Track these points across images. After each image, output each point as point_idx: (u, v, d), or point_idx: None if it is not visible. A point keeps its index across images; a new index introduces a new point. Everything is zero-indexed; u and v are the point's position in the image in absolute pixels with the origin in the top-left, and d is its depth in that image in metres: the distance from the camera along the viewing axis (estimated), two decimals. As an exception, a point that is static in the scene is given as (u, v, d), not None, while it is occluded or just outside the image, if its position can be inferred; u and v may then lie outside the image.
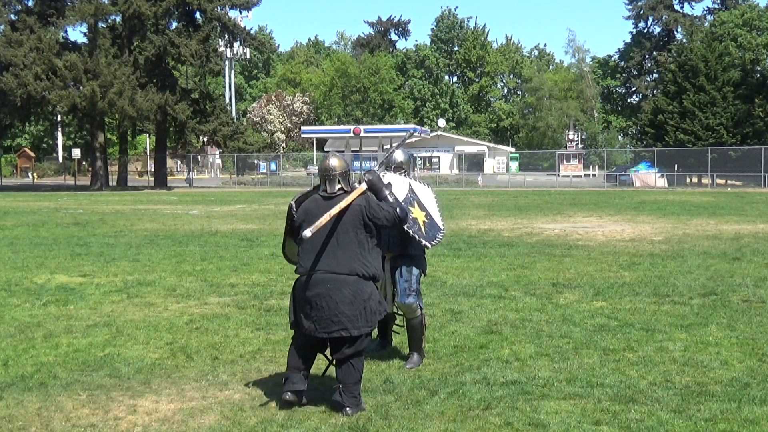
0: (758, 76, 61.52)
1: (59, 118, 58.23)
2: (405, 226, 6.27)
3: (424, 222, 6.53)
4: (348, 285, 5.36)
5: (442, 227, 6.71)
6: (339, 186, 5.53)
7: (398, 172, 6.82)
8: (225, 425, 5.14)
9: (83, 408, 5.50)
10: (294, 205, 5.71)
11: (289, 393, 5.40)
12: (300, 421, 5.18)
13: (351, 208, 5.42)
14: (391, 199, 5.57)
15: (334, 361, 5.57)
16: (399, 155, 6.93)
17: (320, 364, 5.84)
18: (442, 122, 76.70)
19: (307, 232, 5.25)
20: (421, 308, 6.60)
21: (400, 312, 6.95)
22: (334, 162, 5.60)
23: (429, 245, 6.49)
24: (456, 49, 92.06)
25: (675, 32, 79.51)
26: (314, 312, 5.40)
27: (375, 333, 7.15)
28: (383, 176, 6.55)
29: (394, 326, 7.03)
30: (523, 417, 5.18)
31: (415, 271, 6.57)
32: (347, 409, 5.32)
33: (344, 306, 5.34)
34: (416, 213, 6.51)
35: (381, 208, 5.47)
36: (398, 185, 6.57)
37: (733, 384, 5.86)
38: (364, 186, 5.52)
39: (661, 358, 6.60)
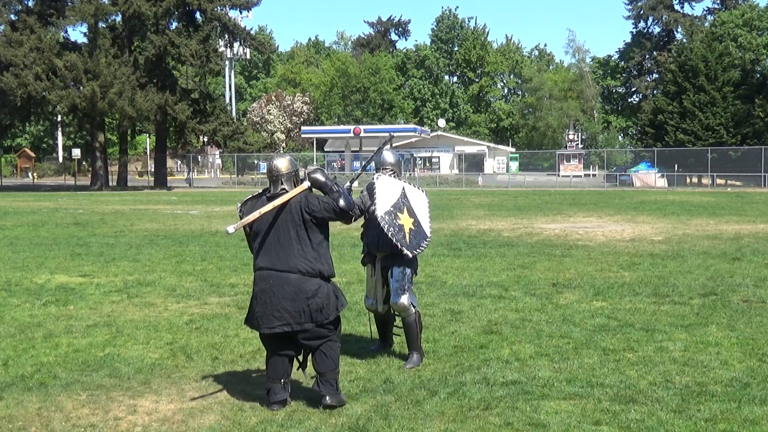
0: (758, 76, 61.48)
1: (59, 118, 58.22)
2: (388, 233, 6.28)
3: (410, 229, 6.48)
4: (288, 282, 5.40)
5: (428, 235, 6.65)
6: (282, 187, 5.57)
7: (388, 173, 6.80)
8: (225, 425, 5.14)
9: (83, 408, 5.50)
10: (240, 206, 5.81)
11: (275, 405, 5.45)
12: (300, 421, 5.18)
13: (290, 205, 5.46)
14: (335, 189, 5.53)
15: (301, 363, 5.66)
16: (389, 156, 6.89)
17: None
18: (442, 122, 76.66)
19: (230, 228, 5.37)
20: (414, 306, 6.59)
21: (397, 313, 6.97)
22: (279, 163, 5.64)
23: (410, 254, 6.43)
24: (456, 49, 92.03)
25: (675, 32, 79.51)
26: (258, 307, 5.49)
27: (375, 334, 7.16)
28: (377, 179, 6.54)
29: (394, 328, 7.03)
30: (523, 417, 5.18)
31: (407, 270, 6.58)
32: (326, 398, 5.38)
33: (285, 302, 5.40)
34: (404, 219, 6.47)
35: (320, 201, 5.48)
36: (391, 189, 6.55)
37: (733, 384, 5.85)
38: (306, 184, 5.52)
39: (661, 358, 6.60)
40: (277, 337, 5.50)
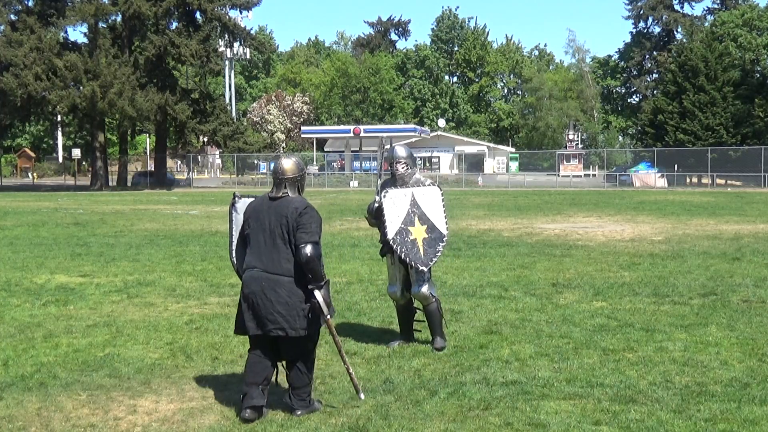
0: (758, 76, 61.51)
1: (59, 118, 58.23)
2: (402, 254, 6.60)
3: (424, 239, 6.71)
4: (282, 285, 5.21)
5: (444, 234, 6.85)
6: (284, 191, 5.37)
7: (402, 166, 6.92)
8: (225, 425, 5.14)
9: (83, 408, 5.49)
10: (235, 198, 5.70)
11: (248, 410, 5.21)
12: (300, 421, 5.18)
13: (283, 213, 5.25)
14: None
15: (284, 366, 5.44)
16: (401, 151, 7.04)
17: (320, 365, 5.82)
18: (442, 122, 76.66)
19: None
20: (434, 296, 6.88)
21: (418, 306, 7.07)
22: (285, 165, 5.45)
23: (425, 268, 6.71)
24: (456, 49, 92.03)
25: (675, 32, 79.53)
26: (251, 310, 5.27)
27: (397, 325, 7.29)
28: (385, 195, 6.68)
29: (415, 323, 7.14)
30: (523, 417, 5.18)
31: None
32: (297, 411, 5.28)
33: (279, 306, 5.19)
34: (416, 232, 6.67)
35: (306, 227, 5.22)
36: (399, 203, 6.72)
37: (733, 384, 5.85)
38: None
39: (661, 358, 6.60)
40: (264, 340, 5.34)
